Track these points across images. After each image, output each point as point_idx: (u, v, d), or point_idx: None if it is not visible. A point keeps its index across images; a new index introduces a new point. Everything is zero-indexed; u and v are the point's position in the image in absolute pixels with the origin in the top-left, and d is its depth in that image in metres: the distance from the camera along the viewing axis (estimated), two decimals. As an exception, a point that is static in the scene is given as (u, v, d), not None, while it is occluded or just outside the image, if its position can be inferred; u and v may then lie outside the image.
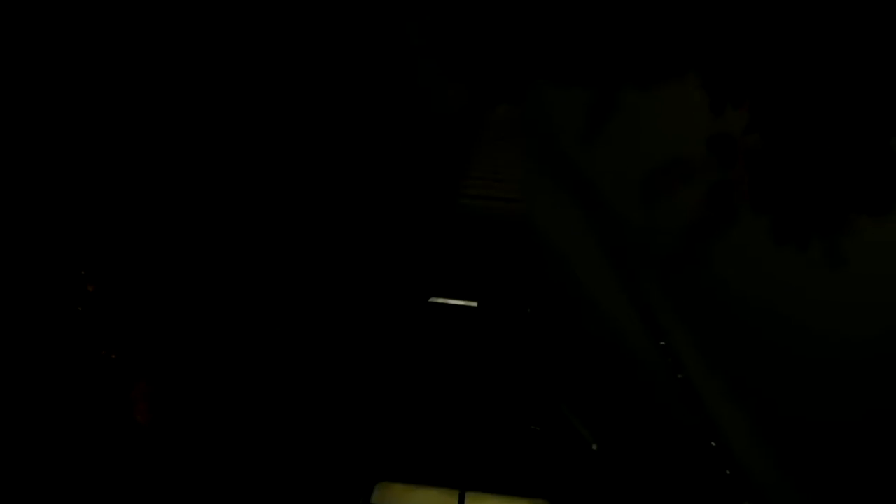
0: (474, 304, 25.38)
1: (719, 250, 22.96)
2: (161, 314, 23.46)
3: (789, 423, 25.07)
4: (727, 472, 25.58)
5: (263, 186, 24.85)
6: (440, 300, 25.44)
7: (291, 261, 24.65)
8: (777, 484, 26.30)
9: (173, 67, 24.93)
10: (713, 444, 25.66)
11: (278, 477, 22.08)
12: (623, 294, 25.39)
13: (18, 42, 22.75)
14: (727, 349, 24.23)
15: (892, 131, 21.19)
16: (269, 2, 24.60)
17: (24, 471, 20.11)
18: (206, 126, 25.19)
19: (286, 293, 24.59)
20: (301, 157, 25.84)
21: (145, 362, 22.27)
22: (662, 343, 24.86)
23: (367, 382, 22.97)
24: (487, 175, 27.47)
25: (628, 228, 25.18)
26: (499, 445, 20.91)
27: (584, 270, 25.42)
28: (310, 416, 22.76)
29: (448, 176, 27.52)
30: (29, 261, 22.34)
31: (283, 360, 23.54)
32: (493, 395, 22.56)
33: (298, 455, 21.99)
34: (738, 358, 24.78)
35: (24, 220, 22.39)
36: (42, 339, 21.61)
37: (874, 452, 25.36)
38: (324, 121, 25.81)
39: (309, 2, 25.17)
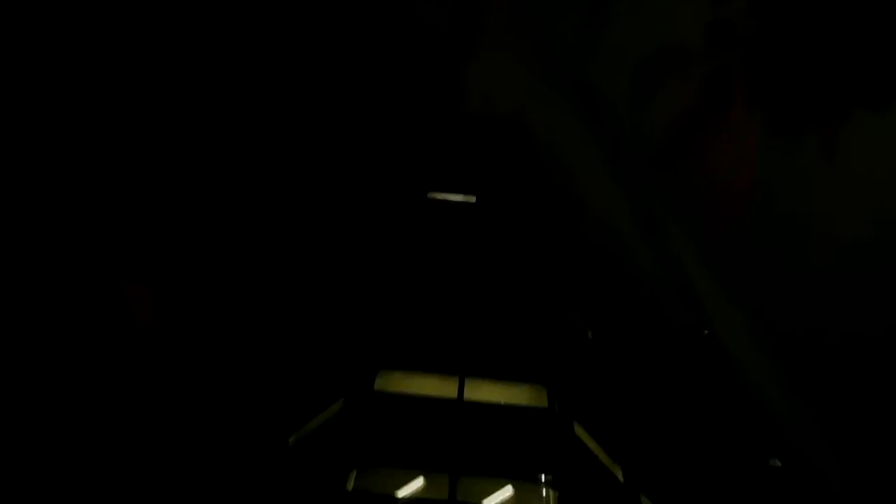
0: (472, 199, 25.53)
1: (715, 143, 22.99)
2: (160, 218, 23.53)
3: (784, 319, 25.55)
4: (720, 361, 26.35)
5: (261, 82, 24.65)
6: (439, 195, 25.56)
7: (293, 162, 24.67)
8: (770, 374, 27.04)
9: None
10: (706, 332, 26.35)
11: (282, 371, 22.57)
12: (618, 189, 25.58)
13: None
14: (721, 242, 24.59)
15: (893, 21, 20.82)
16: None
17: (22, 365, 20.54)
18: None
19: (286, 195, 24.65)
20: (302, 70, 25.55)
21: (145, 265, 22.48)
22: (658, 237, 25.15)
23: (367, 276, 23.29)
24: (486, 75, 27.22)
25: (624, 125, 25.16)
26: (497, 334, 21.31)
27: (580, 168, 25.52)
28: (312, 307, 23.13)
29: (448, 77, 27.28)
30: (25, 158, 22.23)
31: (286, 258, 23.80)
32: (491, 288, 22.92)
33: (303, 346, 22.45)
34: (732, 252, 25.17)
35: (22, 121, 22.20)
36: (41, 243, 21.72)
37: (866, 352, 25.86)
38: (323, 31, 25.37)
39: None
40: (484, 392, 20.10)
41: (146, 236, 23.20)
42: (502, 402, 19.68)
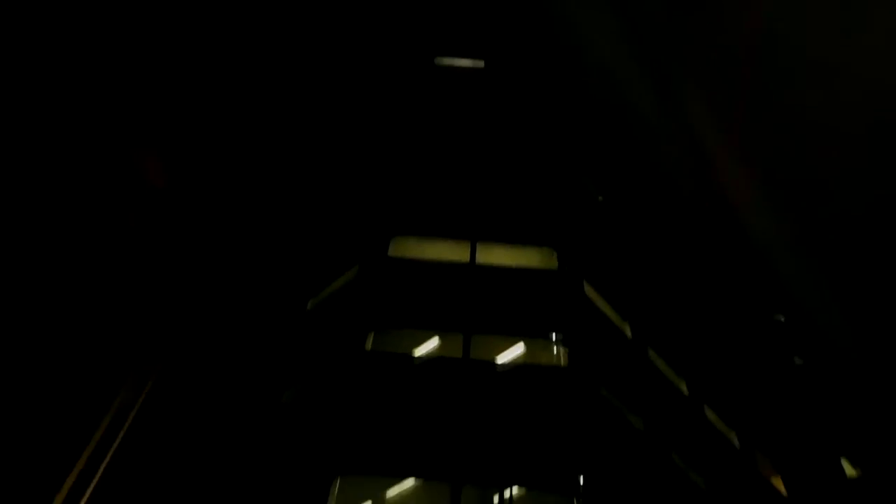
0: (481, 64, 24.93)
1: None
2: (169, 88, 23.23)
3: (795, 176, 25.40)
4: (725, 227, 26.53)
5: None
6: (446, 61, 24.97)
7: (300, 29, 24.01)
8: (777, 230, 27.22)
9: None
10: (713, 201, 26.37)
11: (297, 239, 22.94)
12: (629, 48, 24.83)
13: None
14: (735, 100, 24.09)
15: None
16: None
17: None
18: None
19: (297, 63, 24.14)
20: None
21: (155, 129, 22.43)
22: (669, 95, 24.65)
23: (379, 144, 23.20)
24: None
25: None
26: (508, 199, 21.41)
27: (590, 28, 24.68)
28: (326, 174, 23.19)
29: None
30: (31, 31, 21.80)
31: (297, 125, 23.63)
32: (501, 153, 22.82)
33: (317, 214, 22.69)
34: (745, 109, 24.72)
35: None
36: (52, 109, 21.64)
37: (875, 208, 25.75)
38: None
39: None
40: (495, 256, 20.40)
41: (158, 98, 23.02)
42: (513, 265, 20.23)
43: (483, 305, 19.07)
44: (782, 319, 29.83)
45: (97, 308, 21.96)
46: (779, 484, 23.54)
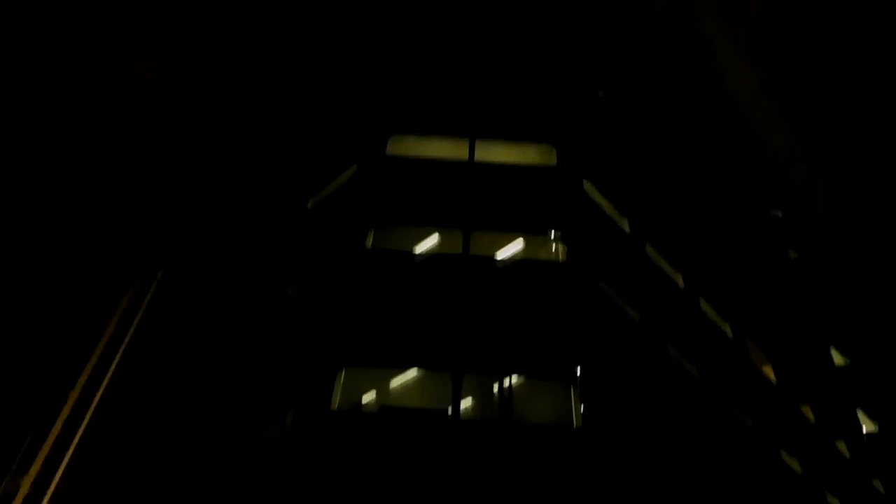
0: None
1: None
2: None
3: (797, 62, 24.87)
4: (729, 114, 26.34)
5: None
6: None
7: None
8: (778, 126, 27.03)
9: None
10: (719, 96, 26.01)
11: (293, 138, 22.81)
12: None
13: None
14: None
15: None
16: None
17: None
18: None
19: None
20: None
21: (148, 32, 21.93)
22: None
23: (372, 41, 22.75)
24: None
25: None
26: (506, 95, 21.15)
27: None
28: (320, 73, 22.83)
29: None
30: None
31: (293, 33, 23.02)
32: (498, 47, 22.36)
33: (312, 113, 22.48)
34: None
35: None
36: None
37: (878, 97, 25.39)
38: None
39: None
40: (494, 153, 20.30)
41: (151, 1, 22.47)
42: (512, 162, 20.12)
43: (482, 202, 19.13)
44: (780, 215, 29.99)
45: (97, 212, 22.06)
46: (769, 372, 24.31)
